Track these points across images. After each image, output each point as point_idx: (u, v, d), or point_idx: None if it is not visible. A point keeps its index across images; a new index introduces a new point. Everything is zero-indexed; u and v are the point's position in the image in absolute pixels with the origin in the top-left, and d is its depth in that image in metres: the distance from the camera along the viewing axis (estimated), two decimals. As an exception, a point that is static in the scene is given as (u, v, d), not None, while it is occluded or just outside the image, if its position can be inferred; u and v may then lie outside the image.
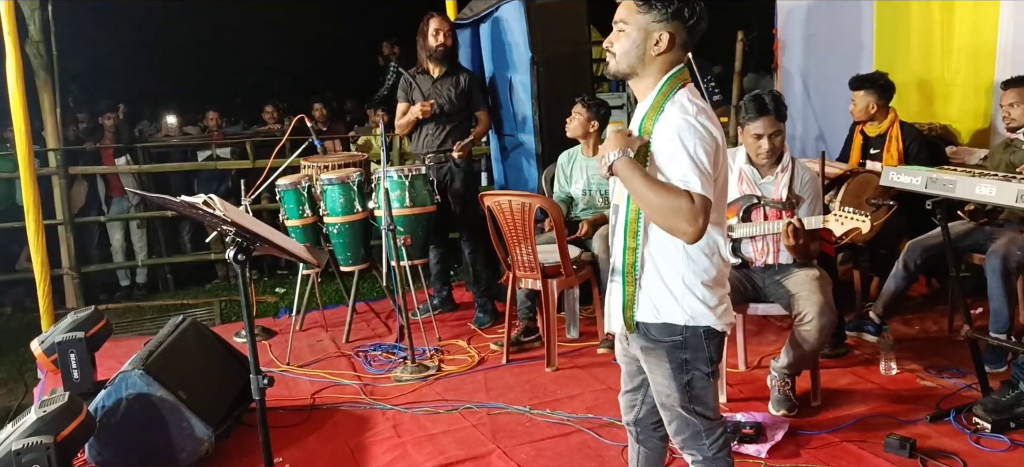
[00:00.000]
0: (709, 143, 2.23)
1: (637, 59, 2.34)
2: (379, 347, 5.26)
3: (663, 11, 2.29)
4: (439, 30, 5.48)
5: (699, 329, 2.37)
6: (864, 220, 3.58)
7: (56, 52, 7.50)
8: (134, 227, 8.20)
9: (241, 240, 2.73)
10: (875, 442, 3.54)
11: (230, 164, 8.20)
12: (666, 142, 2.25)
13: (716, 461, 2.51)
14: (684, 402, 2.43)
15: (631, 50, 2.33)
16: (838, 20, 6.21)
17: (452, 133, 5.56)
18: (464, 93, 5.55)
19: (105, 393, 3.66)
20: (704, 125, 2.24)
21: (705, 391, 2.44)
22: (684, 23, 2.31)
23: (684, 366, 2.40)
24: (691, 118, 2.24)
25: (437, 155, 5.58)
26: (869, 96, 5.08)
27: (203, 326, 4.50)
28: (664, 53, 2.32)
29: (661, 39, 2.30)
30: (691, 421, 2.46)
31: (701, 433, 2.48)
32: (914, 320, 5.14)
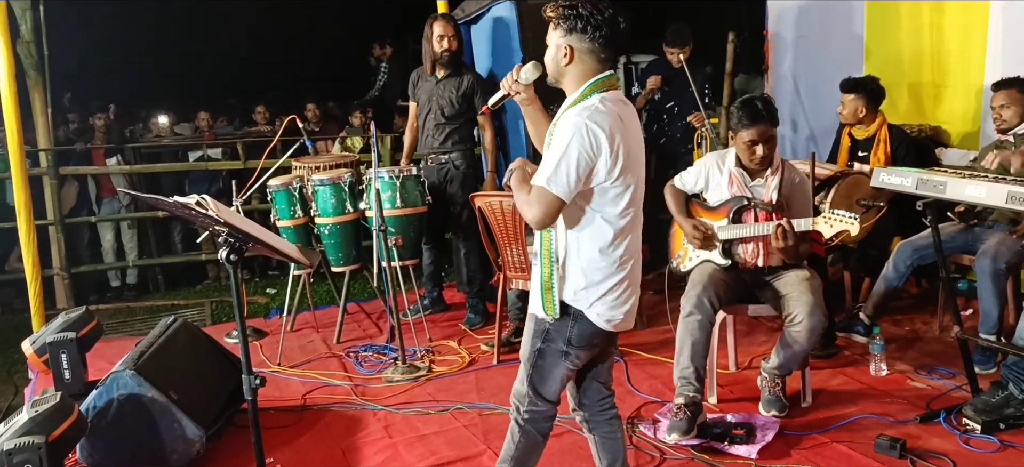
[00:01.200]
0: (589, 147, 2.48)
1: (555, 70, 2.65)
2: (370, 348, 5.26)
3: (562, 28, 2.60)
4: (444, 35, 5.45)
5: (571, 308, 2.64)
6: (853, 222, 3.59)
7: (47, 52, 7.46)
8: (125, 228, 8.18)
9: (234, 241, 2.73)
10: (865, 443, 3.56)
11: (221, 165, 8.19)
12: (555, 137, 2.55)
13: (524, 425, 2.82)
14: (528, 365, 2.75)
15: (550, 62, 2.66)
16: (829, 21, 6.23)
17: (453, 135, 5.54)
18: (466, 95, 5.52)
19: (96, 394, 3.65)
20: (591, 130, 2.48)
21: (551, 367, 2.73)
22: (584, 36, 2.57)
23: (545, 335, 2.69)
24: (582, 119, 2.50)
25: (437, 156, 5.57)
26: (858, 100, 5.10)
27: (194, 327, 4.49)
28: (569, 64, 2.61)
29: (566, 52, 2.59)
30: (524, 383, 2.77)
31: (525, 398, 2.78)
32: (904, 321, 5.17)
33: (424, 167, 5.59)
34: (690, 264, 4.09)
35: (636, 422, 3.91)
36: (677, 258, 4.22)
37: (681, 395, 3.72)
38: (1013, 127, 4.49)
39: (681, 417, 3.64)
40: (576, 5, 2.58)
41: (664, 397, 4.11)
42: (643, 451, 3.64)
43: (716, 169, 4.04)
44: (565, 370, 2.75)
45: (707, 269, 3.96)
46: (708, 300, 3.79)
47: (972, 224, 4.61)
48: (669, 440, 3.64)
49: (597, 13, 2.56)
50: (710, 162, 4.08)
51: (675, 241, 4.28)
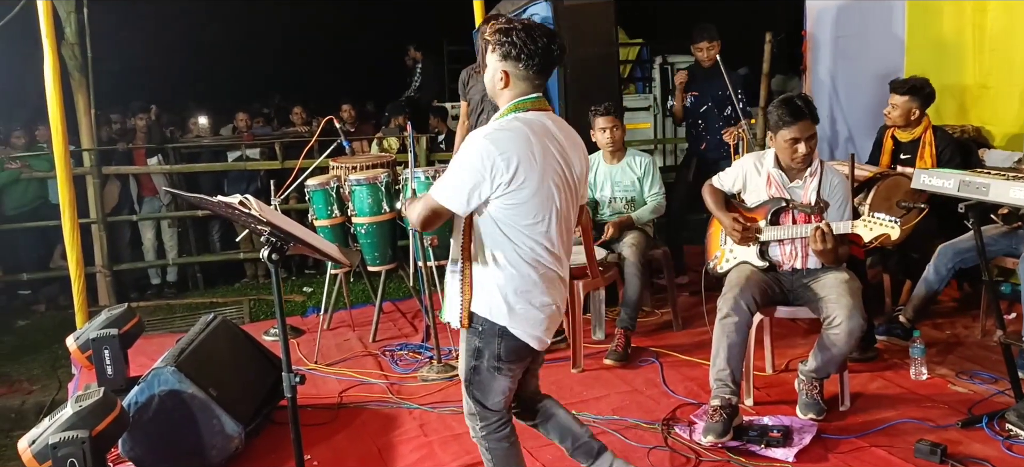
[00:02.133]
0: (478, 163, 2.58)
1: (491, 90, 2.76)
2: (406, 347, 5.29)
3: (499, 53, 2.67)
4: None
5: (495, 326, 2.71)
6: (894, 226, 3.55)
7: (91, 54, 7.61)
8: (165, 226, 8.31)
9: (275, 240, 2.77)
10: (905, 447, 3.52)
11: (259, 165, 8.28)
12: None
13: (486, 440, 2.91)
14: (467, 383, 2.85)
15: (488, 82, 2.76)
16: (869, 21, 6.16)
17: None
18: None
19: (138, 389, 3.72)
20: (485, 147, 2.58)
21: (488, 382, 2.81)
22: (518, 63, 2.65)
23: (476, 353, 2.77)
24: (480, 137, 2.61)
25: None
26: (912, 102, 5.00)
27: (233, 324, 4.55)
28: (505, 88, 2.71)
29: (502, 77, 2.69)
30: (469, 402, 2.87)
31: (475, 415, 2.88)
32: (945, 324, 5.09)
33: None
34: (727, 266, 4.07)
35: (672, 424, 3.90)
36: (714, 259, 4.19)
37: (717, 397, 3.70)
38: None
39: (717, 419, 3.63)
40: (511, 33, 2.65)
41: (700, 399, 4.09)
42: (678, 453, 3.63)
43: (754, 170, 4.01)
44: (504, 382, 2.83)
45: (744, 271, 3.94)
46: (745, 302, 3.77)
47: (1016, 226, 4.53)
48: (705, 442, 3.62)
49: (531, 42, 2.64)
50: (748, 163, 4.06)
51: (712, 242, 4.26)
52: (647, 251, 4.97)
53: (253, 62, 12.88)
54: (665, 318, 5.43)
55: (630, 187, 5.14)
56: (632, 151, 5.24)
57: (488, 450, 2.94)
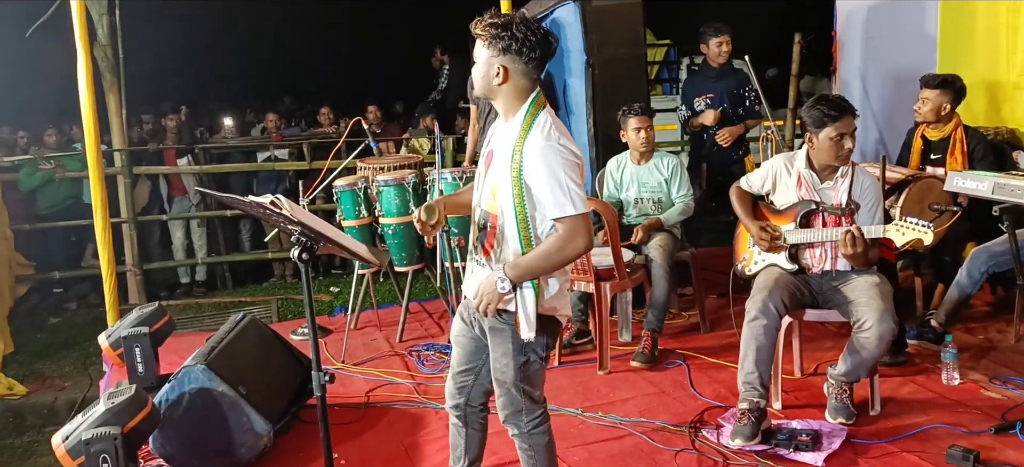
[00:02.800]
0: (572, 163, 2.56)
1: (486, 87, 2.67)
2: (432, 347, 5.31)
3: (495, 48, 2.60)
4: None
5: (543, 317, 2.69)
6: (927, 231, 3.51)
7: (122, 55, 7.71)
8: (194, 226, 8.39)
9: (306, 239, 2.79)
10: (937, 453, 3.47)
11: (288, 165, 8.35)
12: (536, 168, 2.56)
13: (531, 435, 2.86)
14: (517, 380, 2.76)
15: (480, 79, 2.66)
16: (900, 21, 6.09)
17: None
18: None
19: (169, 387, 3.76)
20: (565, 147, 2.57)
21: (537, 373, 2.80)
22: (519, 58, 2.59)
23: (523, 348, 2.72)
24: (554, 143, 2.56)
25: None
26: (944, 96, 4.94)
27: (262, 323, 4.59)
28: (503, 84, 2.63)
29: (499, 72, 2.61)
30: (517, 399, 2.80)
31: (521, 412, 2.83)
32: (978, 329, 5.02)
33: None
34: (756, 267, 4.05)
35: (699, 426, 3.88)
36: (742, 261, 4.17)
37: (745, 400, 3.68)
38: None
39: (745, 422, 3.60)
40: (509, 25, 2.58)
41: (728, 402, 4.06)
42: (706, 456, 3.61)
43: (784, 171, 3.98)
44: (544, 368, 2.85)
45: (773, 273, 3.91)
46: (774, 305, 3.74)
47: (1051, 230, 4.47)
48: (733, 445, 3.60)
49: (531, 35, 2.59)
50: (778, 164, 4.02)
51: (740, 244, 4.23)
52: (675, 253, 4.95)
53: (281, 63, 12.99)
54: (692, 320, 5.41)
55: (657, 188, 5.12)
56: (660, 152, 5.22)
57: (531, 447, 2.90)
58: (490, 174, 2.75)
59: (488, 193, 2.74)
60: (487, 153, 2.81)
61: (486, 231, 2.75)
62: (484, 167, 2.81)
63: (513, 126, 2.67)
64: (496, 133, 2.80)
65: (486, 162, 2.79)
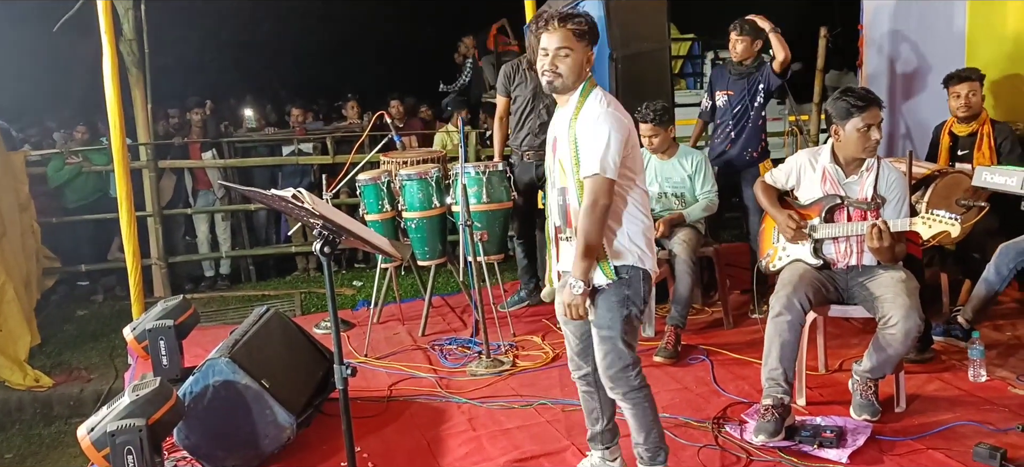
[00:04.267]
0: (622, 128, 2.92)
1: (578, 76, 2.99)
2: (455, 341, 5.31)
3: (586, 41, 3.01)
4: None
5: (639, 270, 3.00)
6: (954, 224, 3.46)
7: (148, 50, 7.77)
8: (218, 219, 8.45)
9: (328, 233, 2.80)
10: (963, 451, 3.43)
11: (312, 159, 8.39)
12: (589, 129, 2.93)
13: (639, 390, 3.07)
14: (622, 334, 3.00)
15: (576, 69, 2.98)
16: (928, 17, 6.01)
17: None
18: None
19: (193, 379, 3.78)
20: (615, 115, 2.94)
21: (636, 326, 3.07)
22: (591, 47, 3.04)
23: (626, 301, 2.98)
24: (607, 110, 2.94)
25: (538, 152, 5.54)
26: (974, 84, 4.91)
27: (286, 317, 4.61)
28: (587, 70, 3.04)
29: (591, 59, 3.04)
30: (624, 352, 3.01)
31: (629, 366, 3.03)
32: (1006, 326, 4.96)
33: (518, 163, 5.60)
34: (780, 263, 4.02)
35: (722, 422, 3.86)
36: (767, 257, 4.14)
37: (769, 396, 3.65)
38: None
39: (769, 418, 3.58)
40: (590, 21, 3.03)
41: (751, 398, 4.04)
42: (729, 452, 3.59)
43: (809, 166, 3.94)
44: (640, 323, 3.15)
45: (797, 269, 3.88)
46: (798, 300, 3.71)
47: (1081, 226, 4.40)
48: (756, 441, 3.58)
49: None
50: (803, 159, 3.99)
51: (764, 240, 4.20)
52: (698, 248, 4.92)
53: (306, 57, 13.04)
54: (716, 316, 5.38)
55: (680, 184, 5.09)
56: (684, 148, 5.19)
57: (638, 403, 3.09)
58: (558, 153, 3.08)
59: (558, 171, 3.08)
60: (552, 141, 3.14)
61: (565, 205, 3.05)
62: (552, 153, 3.14)
63: (570, 104, 3.03)
64: (555, 120, 3.14)
65: (552, 148, 3.14)
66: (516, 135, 5.66)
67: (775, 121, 10.26)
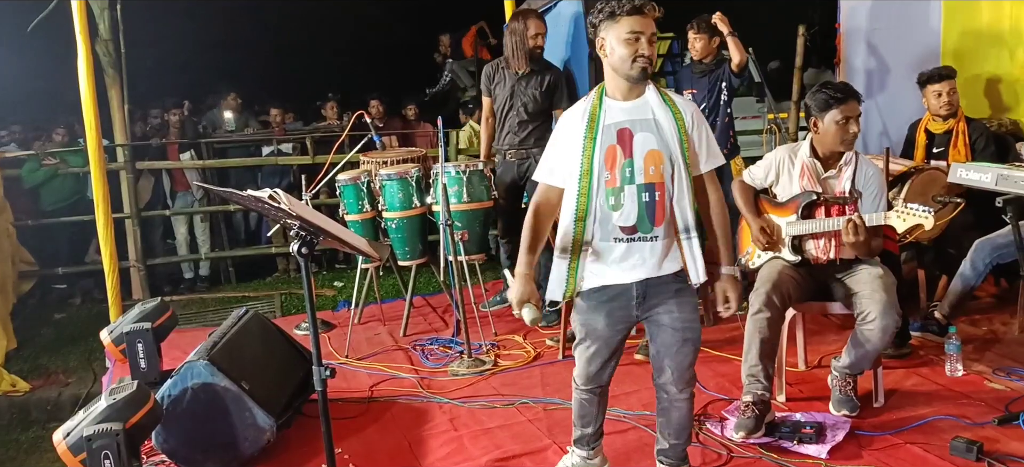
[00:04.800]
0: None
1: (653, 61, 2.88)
2: (436, 341, 5.31)
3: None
4: (538, 32, 5.41)
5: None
6: (927, 216, 3.49)
7: (124, 50, 7.70)
8: (197, 221, 8.40)
9: (305, 234, 2.78)
10: (940, 445, 3.46)
11: (291, 160, 8.36)
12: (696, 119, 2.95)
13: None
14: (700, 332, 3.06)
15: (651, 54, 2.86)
16: (903, 15, 6.07)
17: (534, 132, 5.50)
18: (549, 92, 5.46)
19: (171, 382, 3.75)
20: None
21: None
22: None
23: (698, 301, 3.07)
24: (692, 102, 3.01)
25: (519, 151, 5.56)
26: (952, 82, 4.97)
27: (265, 318, 4.58)
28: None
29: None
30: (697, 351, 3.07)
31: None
32: (982, 321, 5.01)
33: (501, 163, 5.60)
34: (759, 261, 4.03)
35: (703, 419, 3.87)
36: (746, 255, 4.16)
37: (749, 393, 3.67)
38: None
39: (749, 415, 3.60)
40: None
41: (731, 395, 4.05)
42: (710, 449, 3.60)
43: (788, 161, 3.96)
44: None
45: (776, 266, 3.90)
46: (777, 297, 3.73)
47: (1056, 221, 4.45)
48: (736, 438, 3.59)
49: None
50: (782, 154, 4.01)
51: (743, 238, 4.22)
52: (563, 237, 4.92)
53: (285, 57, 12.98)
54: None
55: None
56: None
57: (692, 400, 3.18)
58: (639, 148, 2.87)
59: (643, 165, 2.87)
60: (619, 131, 2.89)
61: (654, 202, 2.88)
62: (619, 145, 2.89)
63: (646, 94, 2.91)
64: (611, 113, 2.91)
65: (622, 138, 2.88)
66: (498, 135, 5.66)
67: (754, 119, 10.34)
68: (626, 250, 2.92)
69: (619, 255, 2.93)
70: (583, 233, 2.93)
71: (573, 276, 2.97)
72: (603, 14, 2.86)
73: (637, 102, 2.90)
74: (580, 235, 2.93)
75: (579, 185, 2.90)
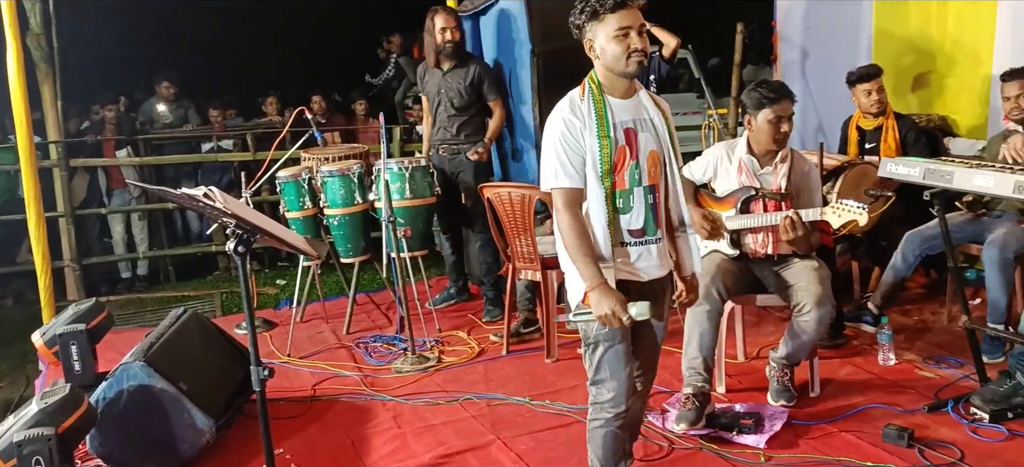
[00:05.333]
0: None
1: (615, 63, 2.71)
2: (379, 338, 5.28)
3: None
4: (446, 26, 5.43)
5: None
6: (862, 212, 3.58)
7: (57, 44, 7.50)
8: (135, 219, 8.21)
9: (242, 232, 2.75)
10: (873, 432, 3.56)
11: (231, 156, 8.22)
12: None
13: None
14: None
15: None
16: (837, 15, 6.21)
17: (465, 125, 5.52)
18: (474, 84, 5.48)
19: (106, 385, 3.68)
20: None
21: None
22: None
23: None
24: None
25: (450, 146, 5.56)
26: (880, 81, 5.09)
27: (204, 318, 4.52)
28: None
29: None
30: None
31: None
32: (912, 311, 5.16)
33: (436, 157, 5.59)
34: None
35: (645, 412, 3.91)
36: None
37: (689, 385, 3.73)
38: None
39: (689, 407, 3.65)
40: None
41: (672, 387, 4.10)
42: (651, 441, 3.65)
43: (725, 158, 4.02)
44: None
45: (715, 259, 3.96)
46: (716, 290, 3.79)
47: (980, 214, 4.60)
48: (677, 430, 3.65)
49: None
50: (720, 151, 4.07)
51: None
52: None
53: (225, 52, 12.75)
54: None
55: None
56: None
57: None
58: (643, 148, 2.73)
59: (647, 166, 2.74)
60: (625, 130, 2.71)
61: (656, 204, 2.79)
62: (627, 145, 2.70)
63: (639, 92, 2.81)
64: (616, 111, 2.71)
65: (629, 138, 2.71)
66: (434, 130, 5.68)
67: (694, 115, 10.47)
68: (637, 254, 2.76)
69: (631, 258, 2.76)
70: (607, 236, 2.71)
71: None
72: (585, 14, 2.69)
73: (633, 100, 2.76)
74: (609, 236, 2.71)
75: (604, 186, 2.69)
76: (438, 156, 5.60)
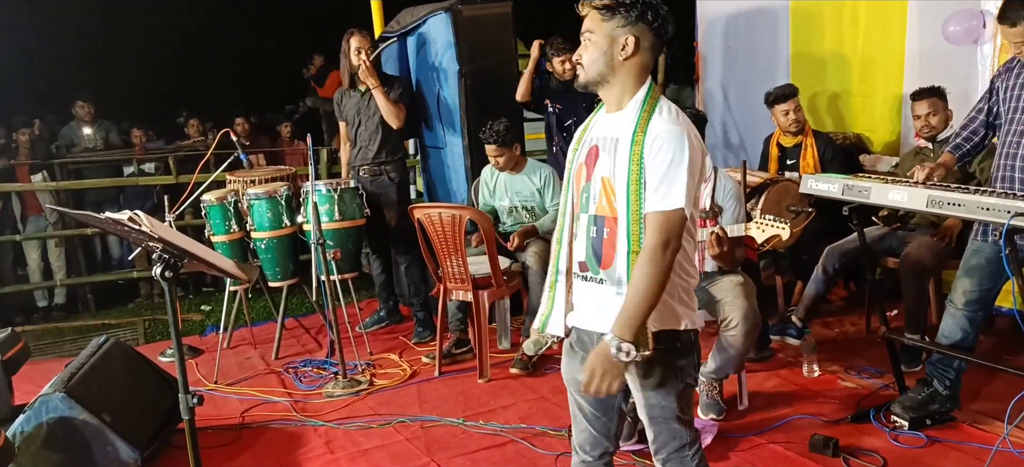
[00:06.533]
0: (697, 158, 2.24)
1: (606, 66, 2.30)
2: (309, 363, 5.20)
3: (626, 16, 2.26)
4: (360, 48, 5.41)
5: (691, 334, 2.37)
6: (784, 227, 3.68)
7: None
8: (52, 246, 7.93)
9: (168, 257, 2.68)
10: (800, 442, 3.66)
11: (153, 179, 8.01)
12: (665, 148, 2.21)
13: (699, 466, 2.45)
14: (678, 412, 2.37)
15: (599, 58, 2.30)
16: (756, 32, 6.37)
17: (385, 145, 5.51)
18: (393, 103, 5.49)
19: (24, 418, 3.55)
20: (692, 140, 2.24)
21: (691, 398, 2.45)
22: (649, 26, 2.27)
23: (680, 372, 2.35)
24: (686, 130, 2.24)
25: (371, 167, 5.54)
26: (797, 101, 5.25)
27: (127, 346, 4.39)
28: (631, 57, 2.29)
29: (627, 43, 2.27)
30: (681, 431, 2.39)
31: (686, 445, 2.41)
32: (834, 323, 5.31)
33: (356, 179, 5.56)
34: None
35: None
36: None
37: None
38: (939, 133, 4.65)
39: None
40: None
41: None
42: (585, 458, 3.66)
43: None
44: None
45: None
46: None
47: (895, 228, 4.78)
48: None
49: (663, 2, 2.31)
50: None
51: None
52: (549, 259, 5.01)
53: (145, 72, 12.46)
54: (569, 325, 5.48)
55: (529, 197, 5.19)
56: (532, 162, 5.28)
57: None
58: (598, 171, 2.35)
59: (599, 193, 2.34)
60: (588, 150, 2.40)
61: (602, 238, 2.34)
62: (584, 167, 2.40)
63: (628, 113, 2.31)
64: (596, 125, 2.42)
65: (588, 160, 2.39)
66: (353, 154, 5.65)
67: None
68: (578, 289, 2.43)
69: (579, 294, 2.43)
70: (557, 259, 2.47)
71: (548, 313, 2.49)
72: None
73: (619, 115, 2.34)
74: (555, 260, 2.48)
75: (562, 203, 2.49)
76: (359, 177, 5.57)
